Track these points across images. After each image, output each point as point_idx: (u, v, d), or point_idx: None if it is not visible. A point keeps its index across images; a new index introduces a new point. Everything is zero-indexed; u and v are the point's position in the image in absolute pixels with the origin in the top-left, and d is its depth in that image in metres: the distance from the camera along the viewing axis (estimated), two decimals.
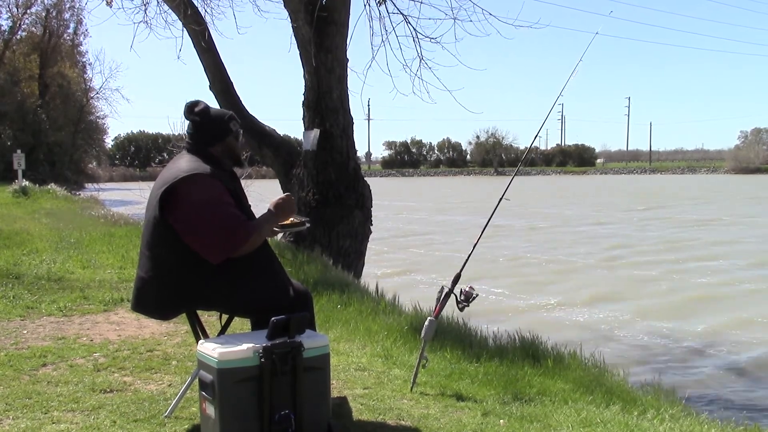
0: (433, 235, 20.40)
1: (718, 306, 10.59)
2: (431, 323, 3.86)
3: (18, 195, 20.84)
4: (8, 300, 5.87)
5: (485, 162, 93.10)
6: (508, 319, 9.17)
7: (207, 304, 3.12)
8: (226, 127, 3.13)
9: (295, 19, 7.95)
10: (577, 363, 4.97)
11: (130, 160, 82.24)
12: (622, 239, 19.06)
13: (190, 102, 3.14)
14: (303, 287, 3.28)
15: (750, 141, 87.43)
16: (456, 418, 3.34)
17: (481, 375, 4.16)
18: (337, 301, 5.96)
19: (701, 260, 15.01)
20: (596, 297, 11.23)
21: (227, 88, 9.01)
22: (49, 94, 37.61)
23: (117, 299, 5.95)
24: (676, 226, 22.61)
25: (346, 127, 8.32)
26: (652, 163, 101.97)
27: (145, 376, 3.88)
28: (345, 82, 8.29)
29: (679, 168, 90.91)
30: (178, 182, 2.92)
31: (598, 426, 3.29)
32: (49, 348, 4.39)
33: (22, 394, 3.46)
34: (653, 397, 4.58)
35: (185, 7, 8.22)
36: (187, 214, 2.93)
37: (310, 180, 8.21)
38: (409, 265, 14.73)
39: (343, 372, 4.04)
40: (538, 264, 14.78)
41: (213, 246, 2.90)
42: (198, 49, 8.73)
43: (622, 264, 14.80)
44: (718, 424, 3.83)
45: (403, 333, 5.06)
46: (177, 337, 4.79)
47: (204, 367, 2.68)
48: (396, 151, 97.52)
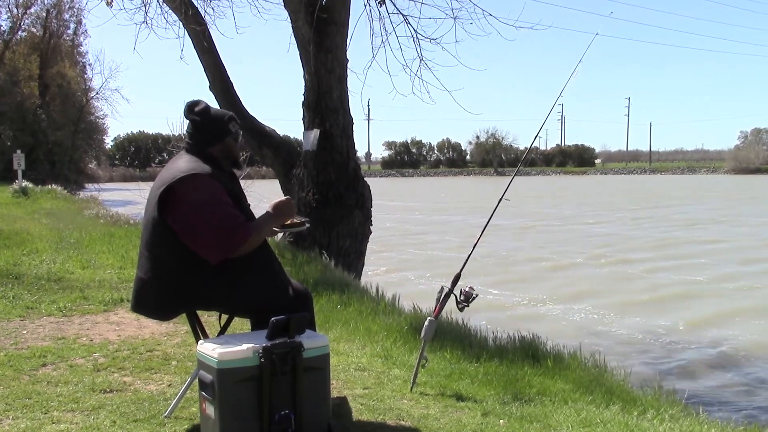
0: (426, 235, 20.59)
1: (716, 306, 10.60)
2: (431, 323, 3.86)
3: (18, 195, 20.85)
4: (8, 300, 5.88)
5: (485, 162, 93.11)
6: (482, 311, 9.24)
7: (207, 304, 3.11)
8: (225, 128, 3.12)
9: (295, 19, 7.95)
10: (577, 363, 4.97)
11: (130, 160, 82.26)
12: (611, 238, 19.29)
13: (191, 102, 3.14)
14: (303, 287, 3.28)
15: (750, 141, 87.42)
16: (456, 418, 3.34)
17: (481, 375, 4.16)
18: (337, 301, 5.96)
19: (694, 257, 15.12)
20: (580, 294, 11.48)
21: (227, 88, 9.01)
22: (49, 94, 37.64)
23: (117, 299, 5.95)
24: (669, 224, 22.79)
25: (346, 127, 8.33)
26: (652, 163, 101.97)
27: (145, 376, 3.88)
28: (345, 83, 8.29)
29: (679, 168, 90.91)
30: (176, 182, 2.92)
31: (598, 426, 3.29)
32: (49, 348, 4.39)
33: (22, 394, 3.46)
34: (653, 397, 4.58)
35: (186, 8, 8.22)
36: (186, 214, 2.92)
37: (310, 180, 8.21)
38: (397, 263, 14.86)
39: (343, 372, 4.04)
40: (522, 262, 14.92)
41: (211, 246, 2.90)
42: (198, 49, 8.74)
43: (610, 261, 14.99)
44: (718, 424, 3.84)
45: (403, 333, 5.06)
46: (177, 337, 4.79)
47: (204, 367, 2.68)
48: (396, 152, 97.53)
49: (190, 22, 8.31)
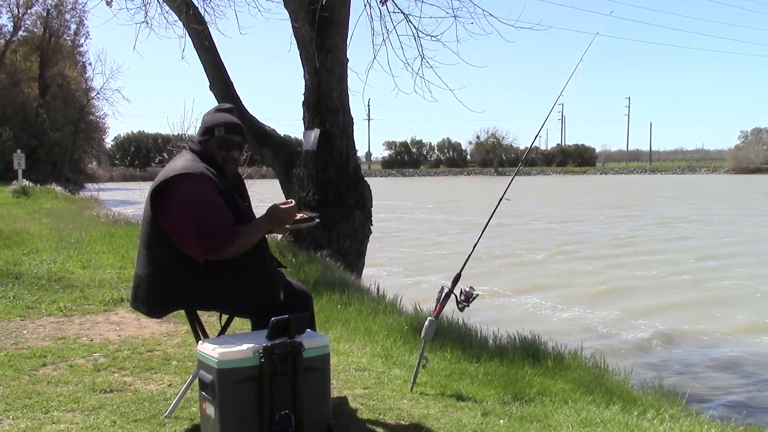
0: (406, 232, 21.03)
1: (717, 305, 10.61)
2: (431, 323, 3.86)
3: (18, 195, 20.84)
4: (8, 300, 5.87)
5: (485, 162, 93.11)
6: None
7: (202, 303, 3.12)
8: (210, 130, 3.12)
9: (296, 19, 7.94)
10: (577, 363, 4.97)
11: (130, 160, 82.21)
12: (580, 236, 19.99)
13: (226, 105, 3.29)
14: (303, 287, 3.28)
15: (750, 141, 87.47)
16: (456, 418, 3.34)
17: (481, 375, 4.15)
18: (337, 301, 5.96)
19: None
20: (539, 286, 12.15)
21: (227, 88, 9.00)
22: (50, 94, 37.61)
23: (117, 299, 5.95)
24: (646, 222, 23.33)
25: (346, 127, 8.33)
26: (652, 163, 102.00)
27: (145, 376, 3.88)
28: (345, 82, 8.29)
29: (679, 168, 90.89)
30: (168, 181, 2.95)
31: (598, 426, 3.29)
32: (49, 348, 4.39)
33: (22, 394, 3.46)
34: (653, 397, 4.58)
35: (186, 7, 8.21)
36: (174, 213, 2.94)
37: (310, 180, 8.20)
38: (386, 261, 15.09)
39: (343, 372, 4.04)
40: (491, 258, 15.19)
41: (195, 246, 2.91)
42: (198, 48, 8.73)
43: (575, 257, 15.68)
44: (718, 424, 3.83)
45: (403, 333, 5.06)
46: (177, 337, 4.79)
47: (204, 367, 2.68)
48: (396, 151, 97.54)
49: (190, 21, 8.30)
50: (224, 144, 3.10)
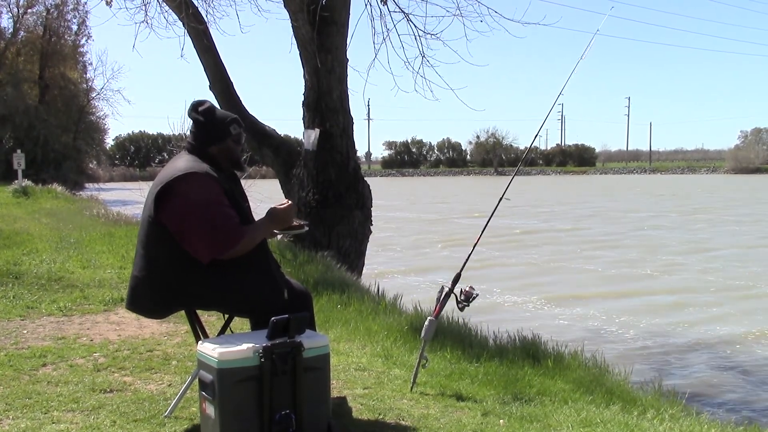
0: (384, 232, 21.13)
1: (717, 306, 10.61)
2: (431, 323, 3.86)
3: (18, 195, 20.84)
4: (8, 300, 5.87)
5: (485, 162, 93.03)
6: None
7: (201, 303, 3.12)
8: (226, 129, 3.12)
9: (296, 19, 7.94)
10: (577, 363, 4.97)
11: (130, 160, 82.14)
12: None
13: (196, 101, 3.15)
14: (303, 287, 3.28)
15: (750, 141, 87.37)
16: (456, 418, 3.34)
17: (481, 375, 4.15)
18: (337, 301, 5.96)
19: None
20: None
21: (227, 88, 9.00)
22: (50, 94, 37.59)
23: (117, 299, 5.94)
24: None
25: (346, 127, 8.32)
26: (652, 163, 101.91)
27: (145, 376, 3.88)
28: (345, 83, 8.29)
29: (679, 168, 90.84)
30: (173, 181, 2.93)
31: (598, 426, 3.29)
32: (49, 348, 4.39)
33: (22, 394, 3.46)
34: (653, 397, 4.58)
35: (186, 7, 8.21)
36: (180, 213, 2.93)
37: (310, 180, 8.20)
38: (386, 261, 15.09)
39: (343, 372, 4.04)
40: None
41: (202, 246, 2.90)
42: (198, 48, 8.73)
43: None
44: (718, 424, 3.83)
45: (403, 333, 5.06)
46: (177, 337, 4.79)
47: (204, 367, 2.68)
48: (396, 151, 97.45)
49: (190, 21, 8.29)
50: (240, 140, 3.16)
